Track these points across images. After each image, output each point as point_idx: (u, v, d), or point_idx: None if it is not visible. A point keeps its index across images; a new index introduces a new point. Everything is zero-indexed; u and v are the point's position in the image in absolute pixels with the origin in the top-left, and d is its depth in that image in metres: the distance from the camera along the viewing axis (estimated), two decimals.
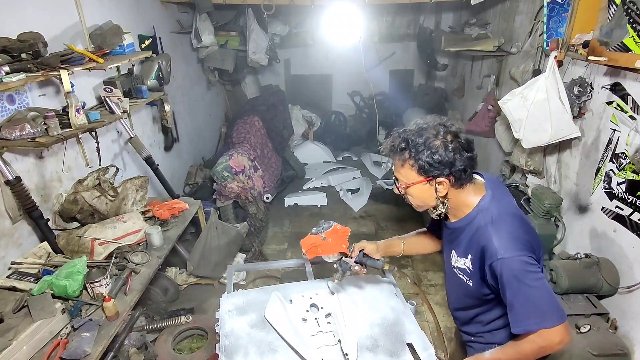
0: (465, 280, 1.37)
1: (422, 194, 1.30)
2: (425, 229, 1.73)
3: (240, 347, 1.47)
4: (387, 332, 1.53)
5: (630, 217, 2.14)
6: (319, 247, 1.53)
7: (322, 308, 1.59)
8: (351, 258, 1.57)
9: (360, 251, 1.61)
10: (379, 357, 1.42)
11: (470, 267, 1.31)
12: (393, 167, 1.36)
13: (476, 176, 1.35)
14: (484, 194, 1.30)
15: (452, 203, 1.32)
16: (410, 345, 1.47)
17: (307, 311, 1.58)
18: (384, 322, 1.57)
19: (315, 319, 1.54)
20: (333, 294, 1.67)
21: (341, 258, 1.58)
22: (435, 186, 1.27)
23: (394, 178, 1.37)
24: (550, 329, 1.16)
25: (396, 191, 1.36)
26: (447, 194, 1.28)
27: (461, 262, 1.35)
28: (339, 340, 1.45)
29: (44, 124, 2.10)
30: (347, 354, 1.39)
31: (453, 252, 1.40)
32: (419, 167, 1.24)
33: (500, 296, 1.25)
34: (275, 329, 1.53)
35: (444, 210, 1.33)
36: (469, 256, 1.31)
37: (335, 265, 1.59)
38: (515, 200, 1.43)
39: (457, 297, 1.51)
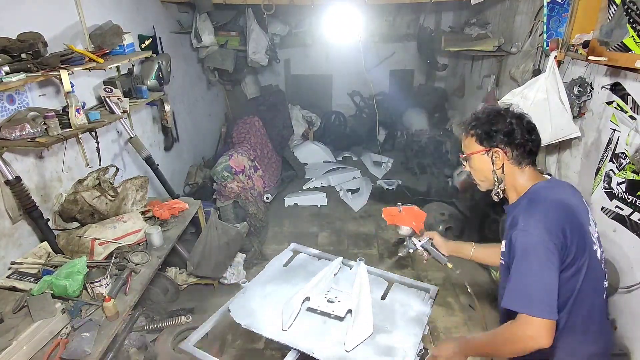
0: (503, 262, 1.36)
1: (481, 165, 1.37)
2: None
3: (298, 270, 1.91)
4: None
5: (630, 217, 2.14)
6: (395, 217, 1.75)
7: (332, 309, 1.63)
8: (419, 241, 1.72)
9: (429, 239, 1.73)
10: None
11: (505, 248, 1.32)
12: (462, 144, 1.44)
13: (546, 175, 1.38)
14: (538, 182, 1.32)
15: (508, 184, 1.35)
16: None
17: (327, 294, 1.68)
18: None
19: (318, 305, 1.64)
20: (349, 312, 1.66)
21: (411, 237, 1.75)
22: (492, 157, 1.32)
23: (460, 153, 1.45)
24: (530, 318, 1.12)
25: (462, 163, 1.45)
26: (503, 168, 1.32)
27: (503, 245, 1.35)
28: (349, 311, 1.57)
29: (44, 124, 2.09)
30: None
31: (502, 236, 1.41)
32: (477, 136, 1.33)
33: None
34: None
35: (499, 189, 1.37)
36: (507, 237, 1.31)
37: (405, 241, 1.77)
38: None
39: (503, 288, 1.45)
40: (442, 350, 1.42)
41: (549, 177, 1.38)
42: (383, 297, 1.78)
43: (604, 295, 1.36)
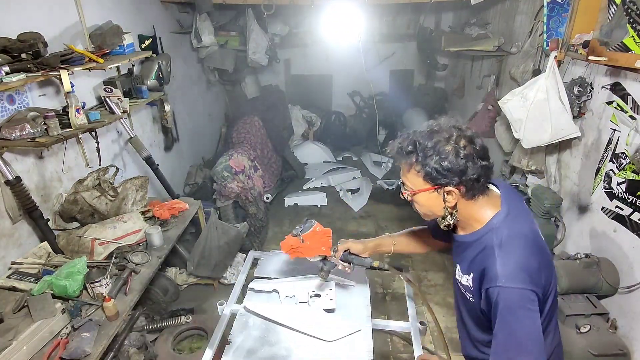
0: (468, 296, 1.28)
1: (429, 202, 1.20)
2: (422, 227, 1.62)
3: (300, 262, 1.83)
4: None
5: (630, 217, 2.14)
6: (298, 249, 1.52)
7: (313, 302, 1.70)
8: (335, 258, 1.54)
9: (345, 251, 1.57)
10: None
11: (472, 284, 1.22)
12: (400, 171, 1.24)
13: (492, 187, 1.24)
14: (497, 210, 1.18)
15: (462, 215, 1.21)
16: None
17: (313, 291, 1.72)
18: None
19: (306, 301, 1.69)
20: (329, 311, 1.68)
21: (325, 257, 1.56)
22: (444, 195, 1.16)
23: (400, 182, 1.26)
24: None
25: (403, 197, 1.26)
26: (456, 204, 1.18)
27: (464, 279, 1.26)
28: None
29: (44, 124, 2.09)
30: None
31: (458, 266, 1.32)
32: (425, 173, 1.13)
33: None
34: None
35: (452, 222, 1.22)
36: (471, 274, 1.22)
37: (320, 265, 1.58)
38: None
39: (461, 313, 1.41)
40: None
41: (497, 191, 1.24)
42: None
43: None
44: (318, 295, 1.69)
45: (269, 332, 1.57)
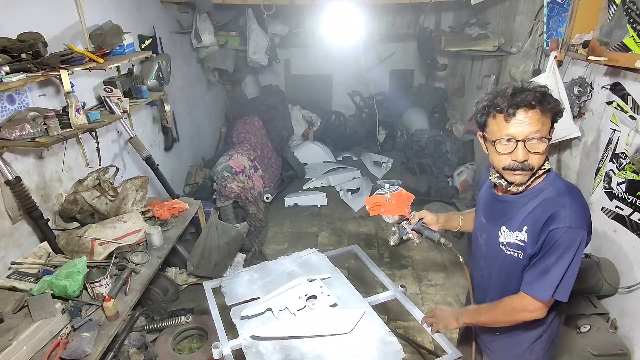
0: (516, 255, 1.34)
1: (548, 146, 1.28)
2: None
3: (268, 273, 1.87)
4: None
5: (630, 217, 2.15)
6: (382, 207, 1.56)
7: (314, 304, 1.65)
8: (410, 224, 1.59)
9: (419, 220, 1.62)
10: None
11: (525, 239, 1.29)
12: (522, 125, 1.19)
13: None
14: (547, 169, 1.30)
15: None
16: None
17: (306, 295, 1.67)
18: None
19: (304, 306, 1.64)
20: (334, 305, 1.67)
21: (400, 222, 1.60)
22: (550, 134, 1.25)
23: (535, 137, 1.20)
24: (540, 301, 1.26)
25: (525, 156, 1.21)
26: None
27: (512, 237, 1.32)
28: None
29: (44, 124, 2.09)
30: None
31: (503, 228, 1.36)
32: (556, 114, 1.23)
33: None
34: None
35: (545, 170, 1.30)
36: (524, 228, 1.29)
37: (393, 228, 1.62)
38: None
39: (499, 278, 1.44)
40: (439, 311, 1.55)
41: None
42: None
43: None
44: (314, 297, 1.67)
45: (289, 350, 1.47)
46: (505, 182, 1.31)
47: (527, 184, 1.29)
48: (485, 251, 1.47)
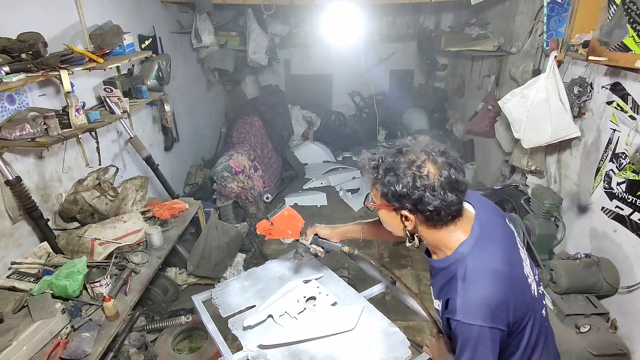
0: (439, 321, 1.26)
1: (389, 220, 1.18)
2: None
3: (258, 279, 1.83)
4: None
5: (630, 217, 2.15)
6: (270, 231, 1.67)
7: (314, 305, 1.64)
8: (307, 241, 1.63)
9: (315, 235, 1.63)
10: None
11: (440, 311, 1.19)
12: None
13: (466, 205, 1.16)
14: (463, 239, 1.11)
15: (428, 241, 1.17)
16: None
17: (305, 297, 1.66)
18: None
19: (304, 308, 1.62)
20: (334, 304, 1.67)
21: (298, 240, 1.66)
22: (401, 218, 1.13)
23: (368, 193, 1.29)
24: None
25: (368, 208, 1.28)
26: (417, 228, 1.13)
27: (435, 303, 1.23)
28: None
29: (44, 124, 2.09)
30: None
31: (432, 288, 1.26)
32: (381, 193, 1.11)
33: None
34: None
35: (413, 245, 1.19)
36: (440, 300, 1.17)
37: (295, 247, 1.67)
38: (515, 201, 1.35)
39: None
40: (436, 350, 1.37)
41: (472, 211, 1.17)
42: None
43: (547, 322, 1.27)
44: (313, 298, 1.67)
45: (298, 355, 1.45)
46: None
47: (435, 252, 1.20)
48: None
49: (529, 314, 1.12)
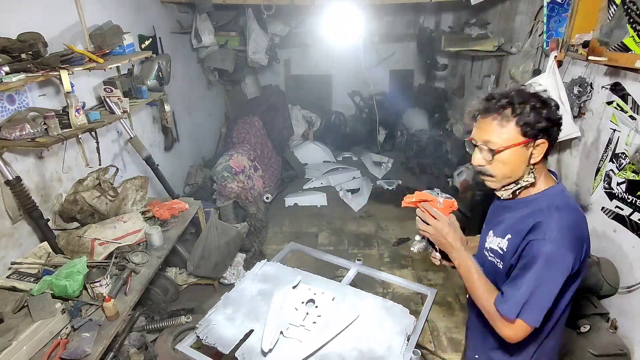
0: (495, 262, 1.26)
1: (514, 159, 1.15)
2: None
3: (238, 303, 1.71)
4: None
5: (630, 217, 2.14)
6: (430, 202, 1.34)
7: (317, 307, 1.63)
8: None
9: None
10: None
11: (505, 247, 1.22)
12: (478, 131, 1.19)
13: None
14: (554, 184, 1.23)
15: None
16: None
17: (303, 302, 1.64)
18: (366, 353, 1.46)
19: (307, 313, 1.59)
20: (333, 299, 1.68)
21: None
22: (532, 150, 1.14)
23: (475, 145, 1.20)
24: (523, 324, 1.12)
25: (479, 161, 1.19)
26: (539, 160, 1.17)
27: (495, 243, 1.25)
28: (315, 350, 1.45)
29: (44, 124, 2.09)
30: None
31: (490, 232, 1.30)
32: (524, 123, 1.11)
33: None
34: (270, 303, 1.64)
35: (524, 184, 1.19)
36: (507, 236, 1.21)
37: (418, 237, 1.45)
38: None
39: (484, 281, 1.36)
40: (446, 226, 1.28)
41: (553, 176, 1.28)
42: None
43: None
44: (312, 300, 1.66)
45: (327, 359, 1.44)
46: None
47: (515, 193, 1.22)
48: (478, 255, 1.38)
49: (583, 267, 1.21)
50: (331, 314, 1.58)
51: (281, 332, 1.51)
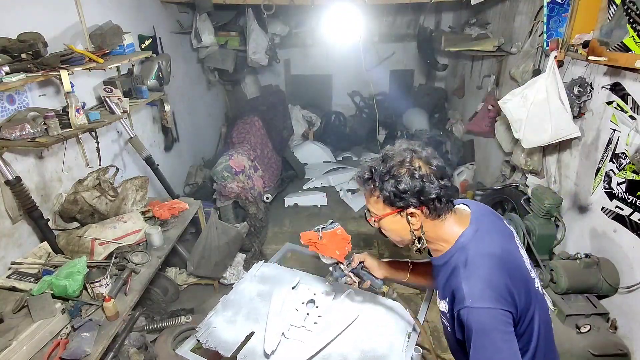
0: (446, 325, 1.23)
1: (395, 226, 1.18)
2: None
3: (237, 305, 1.69)
4: None
5: (630, 217, 2.14)
6: (316, 244, 1.49)
7: (317, 307, 1.62)
8: (348, 266, 1.49)
9: (360, 263, 1.51)
10: None
11: (447, 312, 1.18)
12: (365, 199, 1.24)
13: (462, 207, 1.24)
14: (463, 230, 1.15)
15: (430, 237, 1.18)
16: None
17: (303, 303, 1.63)
18: (368, 353, 1.46)
19: (307, 314, 1.58)
20: (333, 299, 1.67)
21: (337, 263, 1.51)
22: (407, 218, 1.15)
23: (366, 210, 1.25)
24: None
25: (370, 224, 1.25)
26: (422, 226, 1.15)
27: (442, 305, 1.22)
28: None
29: (44, 124, 2.10)
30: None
31: (437, 291, 1.27)
32: (384, 198, 1.14)
33: None
34: (270, 304, 1.62)
35: (421, 246, 1.19)
36: (446, 299, 1.17)
37: (330, 268, 1.53)
38: (516, 201, 1.36)
39: (450, 342, 1.34)
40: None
41: (467, 209, 1.23)
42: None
43: (550, 322, 1.27)
44: (312, 301, 1.65)
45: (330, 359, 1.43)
46: None
47: (428, 252, 1.24)
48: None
49: (534, 305, 1.13)
50: (332, 314, 1.58)
51: (283, 334, 1.49)
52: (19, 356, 1.63)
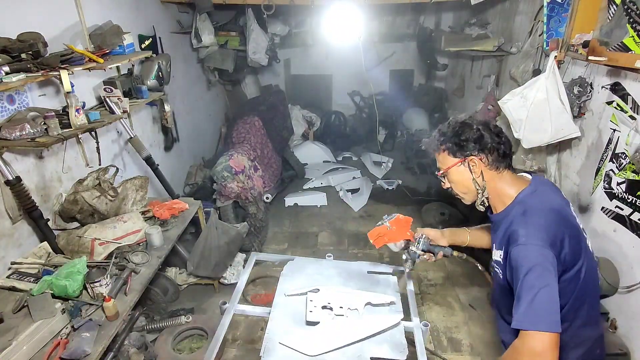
0: (499, 272, 1.35)
1: (460, 177, 1.36)
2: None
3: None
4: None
5: (630, 217, 2.15)
6: (385, 236, 1.61)
7: (331, 309, 1.57)
8: (418, 246, 1.61)
9: (425, 238, 1.63)
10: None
11: (502, 260, 1.32)
12: (437, 163, 1.44)
13: (524, 174, 1.40)
14: (525, 187, 1.31)
15: (492, 191, 1.35)
16: None
17: (368, 302, 1.58)
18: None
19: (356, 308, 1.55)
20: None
21: (407, 247, 1.63)
22: (469, 166, 1.32)
23: (437, 172, 1.45)
24: (538, 334, 1.09)
25: (443, 186, 1.45)
26: (483, 176, 1.32)
27: (497, 254, 1.35)
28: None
29: (44, 124, 2.09)
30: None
31: (494, 244, 1.40)
32: (448, 150, 1.34)
33: None
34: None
35: (484, 197, 1.36)
36: (502, 248, 1.30)
37: (404, 256, 1.65)
38: None
39: (496, 294, 1.49)
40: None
41: (528, 176, 1.39)
42: None
43: (597, 279, 1.43)
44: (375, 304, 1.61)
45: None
46: None
47: (492, 206, 1.39)
48: (490, 268, 1.49)
49: (583, 259, 1.26)
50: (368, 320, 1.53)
51: (330, 308, 1.50)
52: (19, 356, 1.63)
